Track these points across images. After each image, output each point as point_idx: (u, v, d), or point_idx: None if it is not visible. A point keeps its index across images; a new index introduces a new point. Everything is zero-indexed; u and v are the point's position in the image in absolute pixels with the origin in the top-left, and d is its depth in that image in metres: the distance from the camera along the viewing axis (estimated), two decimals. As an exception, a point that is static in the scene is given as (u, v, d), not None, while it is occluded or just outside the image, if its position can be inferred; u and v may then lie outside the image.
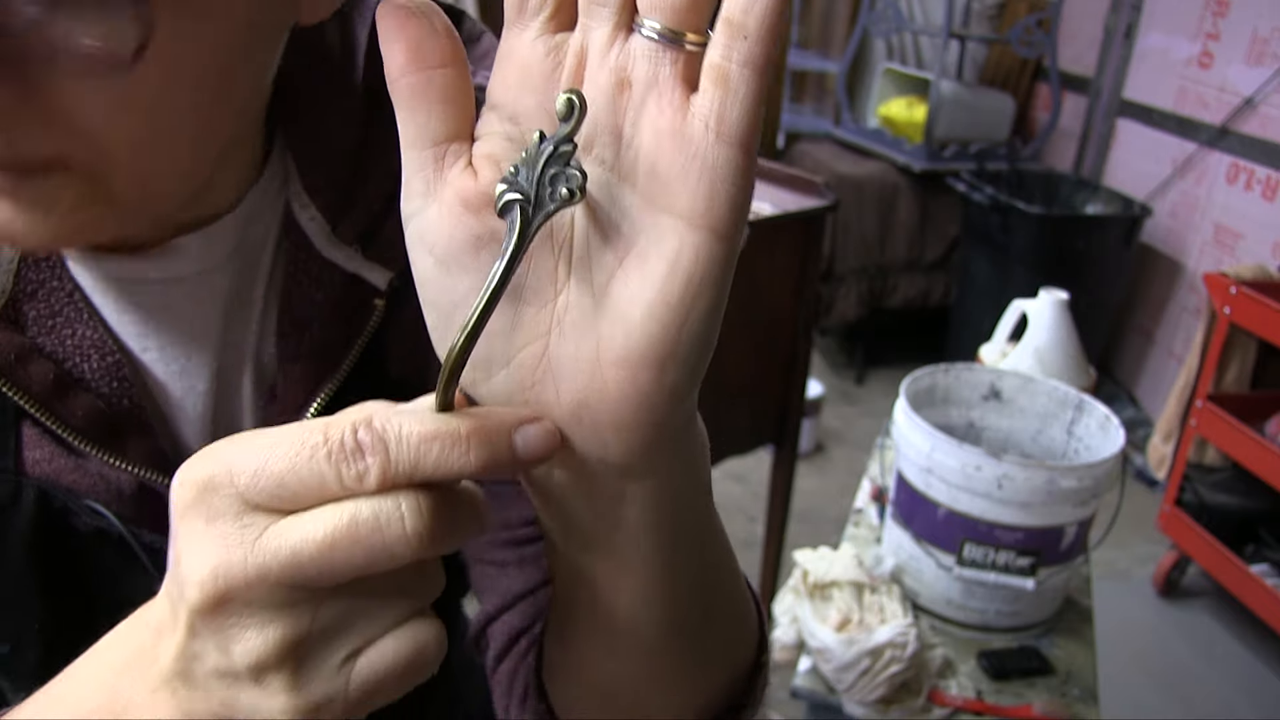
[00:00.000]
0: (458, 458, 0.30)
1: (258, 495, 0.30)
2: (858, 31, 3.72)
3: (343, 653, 0.31)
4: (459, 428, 0.30)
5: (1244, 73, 2.92)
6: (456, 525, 0.31)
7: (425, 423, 0.30)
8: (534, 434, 0.32)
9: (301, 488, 0.29)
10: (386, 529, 0.29)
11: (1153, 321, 3.33)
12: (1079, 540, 1.33)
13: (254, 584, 0.29)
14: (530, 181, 0.30)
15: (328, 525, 0.29)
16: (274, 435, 0.30)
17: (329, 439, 0.29)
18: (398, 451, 0.30)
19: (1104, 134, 3.54)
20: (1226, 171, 3.00)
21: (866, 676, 1.21)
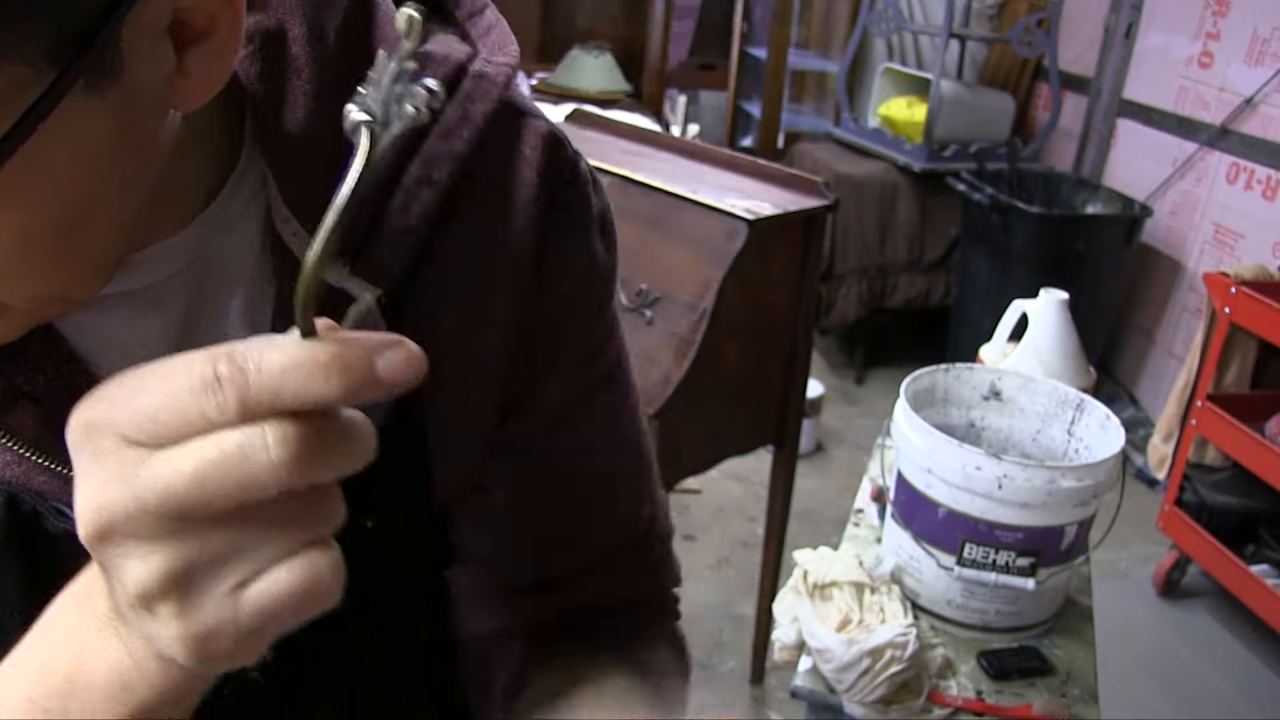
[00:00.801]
0: (319, 384, 0.30)
1: (135, 431, 0.31)
2: (858, 31, 3.72)
3: (230, 581, 0.32)
4: (318, 354, 0.30)
5: (1244, 73, 2.92)
6: (330, 453, 0.31)
7: (285, 351, 0.30)
8: (397, 358, 0.32)
9: (173, 422, 0.30)
10: (252, 459, 0.30)
11: (1153, 321, 3.33)
12: (1079, 540, 1.33)
13: (134, 516, 0.30)
14: (377, 101, 0.31)
15: (196, 458, 0.30)
16: (154, 372, 0.31)
17: (191, 372, 0.30)
18: (257, 381, 0.30)
19: (1104, 134, 3.54)
20: (1227, 171, 3.00)
21: (867, 677, 1.21)
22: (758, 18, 4.47)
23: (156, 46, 0.36)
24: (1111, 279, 3.13)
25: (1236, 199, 2.97)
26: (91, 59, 0.33)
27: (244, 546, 0.32)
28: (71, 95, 0.33)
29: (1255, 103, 2.88)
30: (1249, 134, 2.91)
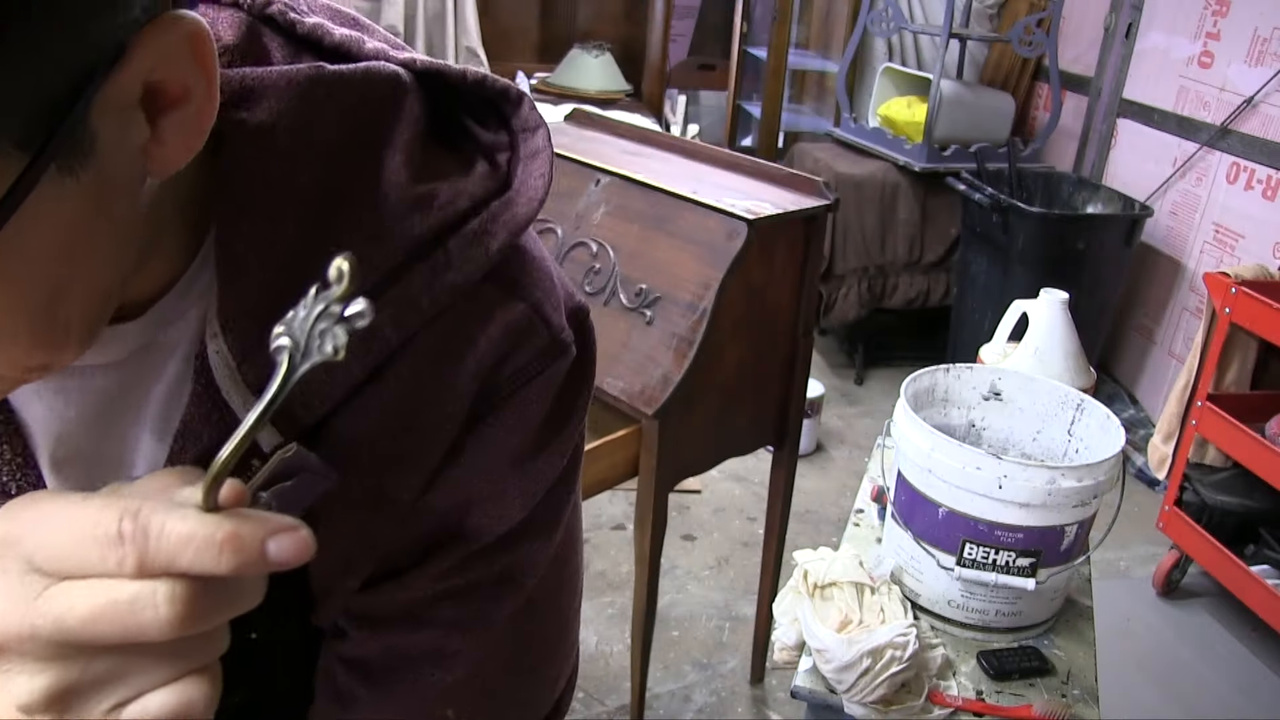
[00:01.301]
0: (210, 559, 0.33)
1: (39, 559, 0.33)
2: (858, 31, 3.72)
3: (108, 703, 0.35)
4: (215, 532, 0.33)
5: (1244, 72, 2.92)
6: (217, 610, 0.34)
7: (185, 523, 0.33)
8: (287, 543, 0.34)
9: (75, 562, 0.33)
10: (140, 613, 0.32)
11: (1153, 321, 3.33)
12: (1079, 540, 1.33)
13: (25, 639, 0.33)
14: (302, 331, 0.32)
15: (90, 600, 0.33)
16: (67, 507, 0.33)
17: (99, 524, 0.33)
18: (156, 546, 0.32)
19: (1104, 134, 3.54)
20: (1227, 171, 3.00)
21: (867, 677, 1.20)
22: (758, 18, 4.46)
23: (128, 120, 0.36)
24: (1111, 279, 3.13)
25: (1237, 199, 2.97)
26: (63, 142, 0.33)
27: (126, 672, 0.34)
28: (45, 179, 0.33)
29: (1255, 102, 2.88)
30: (1249, 134, 2.91)
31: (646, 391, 1.46)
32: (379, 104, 0.46)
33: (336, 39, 0.47)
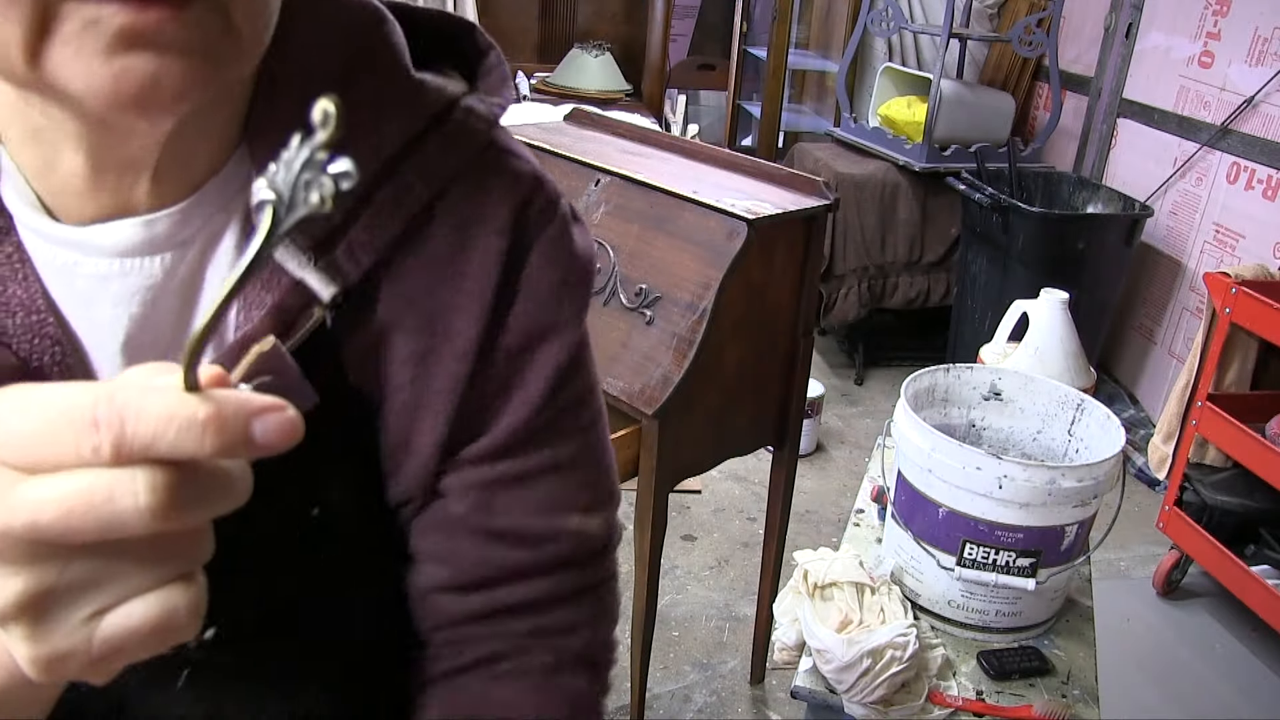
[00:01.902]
0: (192, 441, 0.31)
1: (8, 454, 0.31)
2: (858, 31, 3.72)
3: (86, 610, 0.33)
4: (196, 411, 0.31)
5: (1244, 72, 2.92)
6: (200, 501, 0.32)
7: (164, 403, 0.31)
8: (273, 423, 0.32)
9: (47, 452, 0.31)
10: (118, 502, 0.30)
11: (1153, 321, 3.33)
12: (1079, 540, 1.33)
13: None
14: (286, 183, 0.31)
15: (63, 492, 0.30)
16: (37, 397, 0.31)
17: (72, 408, 0.31)
18: (134, 429, 0.30)
19: (1104, 134, 3.54)
20: (1227, 171, 3.00)
21: (867, 677, 1.20)
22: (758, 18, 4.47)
23: None
24: (1111, 279, 3.13)
25: (1237, 199, 2.97)
26: None
27: (104, 577, 0.32)
28: None
29: (1256, 102, 2.88)
30: (1249, 134, 2.91)
31: (646, 391, 1.45)
32: (375, 12, 0.54)
33: None
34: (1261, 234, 2.87)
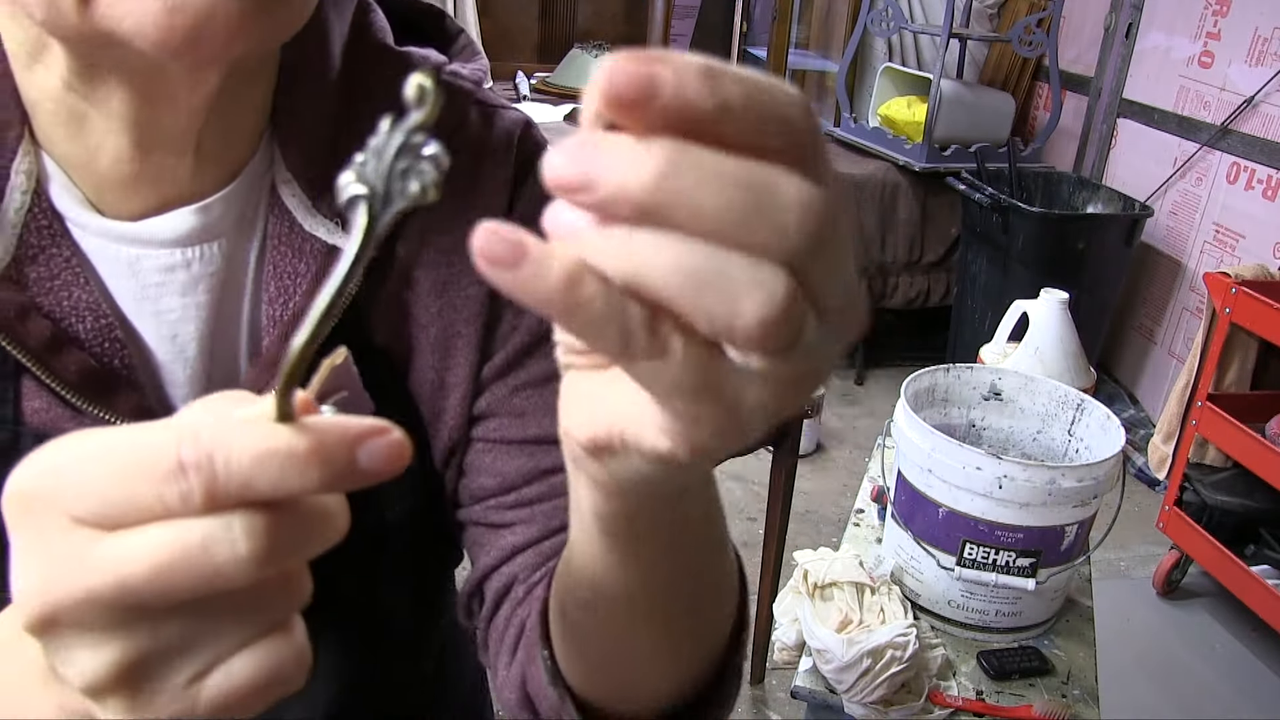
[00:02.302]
0: (295, 477, 0.28)
1: (83, 511, 0.28)
2: (858, 31, 3.72)
3: (187, 673, 0.29)
4: (296, 444, 0.28)
5: (1244, 72, 2.92)
6: (301, 542, 0.29)
7: (259, 438, 0.28)
8: (380, 449, 0.29)
9: (127, 506, 0.28)
10: (215, 553, 0.27)
11: (1153, 321, 3.33)
12: (1079, 540, 1.33)
13: (83, 606, 0.28)
14: (379, 174, 0.27)
15: (154, 548, 0.27)
16: (105, 445, 0.28)
17: (153, 454, 0.27)
18: (226, 471, 0.27)
19: (1104, 134, 3.54)
20: (1227, 171, 3.00)
21: (867, 677, 1.20)
22: (758, 18, 4.47)
23: None
24: (1111, 279, 3.13)
25: (1237, 199, 2.97)
26: None
27: (202, 634, 0.29)
28: None
29: (1256, 102, 2.88)
30: (1249, 134, 2.91)
31: (646, 391, 1.45)
32: (362, 3, 0.57)
33: None
34: (1261, 234, 2.87)
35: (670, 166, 0.24)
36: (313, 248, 0.52)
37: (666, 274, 0.24)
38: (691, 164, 0.24)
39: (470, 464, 0.58)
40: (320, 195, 0.53)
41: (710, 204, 0.24)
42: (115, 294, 0.50)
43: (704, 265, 0.24)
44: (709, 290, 0.24)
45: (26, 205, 0.48)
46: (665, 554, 0.40)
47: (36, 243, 0.48)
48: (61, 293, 0.48)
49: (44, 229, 0.48)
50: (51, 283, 0.48)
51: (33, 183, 0.48)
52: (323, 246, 0.53)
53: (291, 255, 0.52)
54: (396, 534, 0.57)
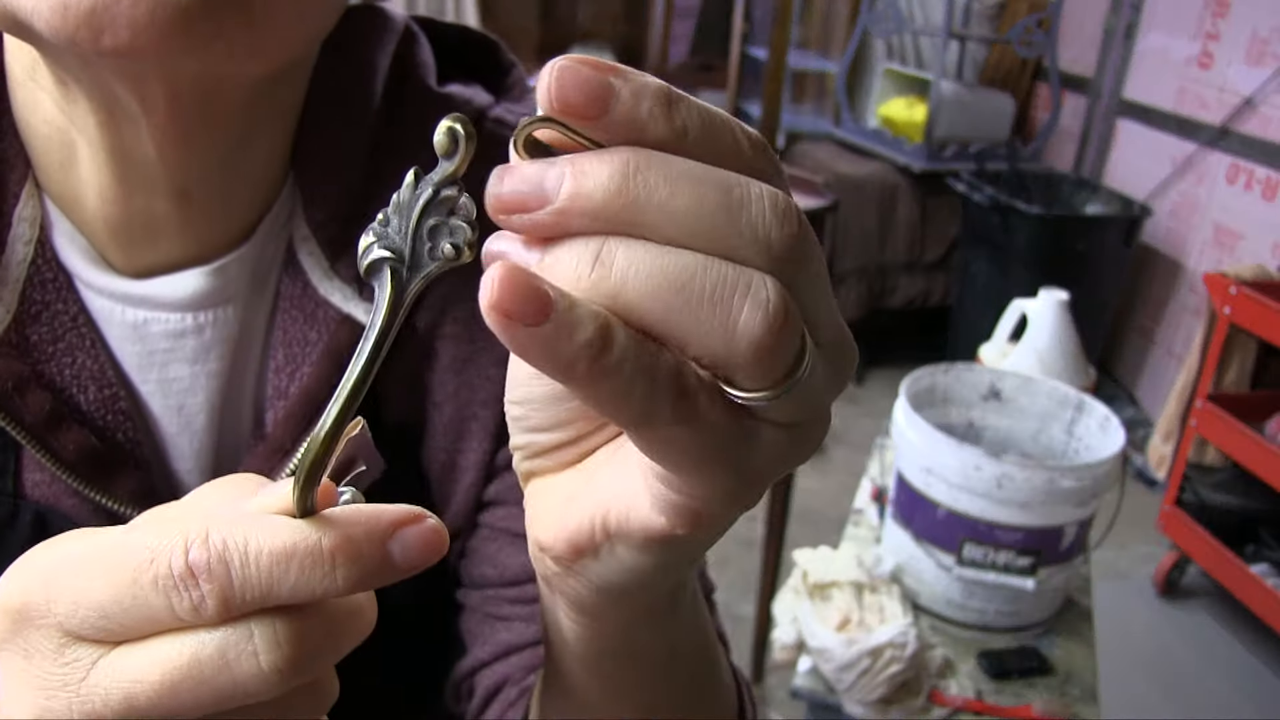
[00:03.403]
0: (320, 578, 0.25)
1: (78, 625, 0.25)
2: (858, 31, 3.72)
3: None
4: (321, 541, 0.25)
5: (1244, 73, 2.93)
6: (330, 646, 0.26)
7: (279, 536, 0.25)
8: (414, 540, 0.26)
9: (129, 618, 0.24)
10: (236, 666, 0.24)
11: (1153, 321, 3.33)
12: (1079, 540, 1.33)
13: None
14: (405, 235, 0.24)
15: (164, 664, 0.24)
16: (101, 547, 0.25)
17: (155, 559, 0.24)
18: (243, 576, 0.24)
19: (1104, 134, 3.54)
20: (1226, 171, 3.00)
21: (866, 676, 1.21)
22: (758, 18, 4.46)
23: None
24: (1111, 279, 3.13)
25: (1236, 199, 2.97)
26: None
27: None
28: None
29: (1255, 103, 2.88)
30: (1249, 134, 2.91)
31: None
32: (409, 30, 0.52)
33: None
34: (1261, 234, 2.87)
35: (632, 167, 0.22)
36: (326, 315, 0.47)
37: (652, 286, 0.21)
38: (657, 164, 0.22)
39: (473, 549, 0.54)
40: (340, 255, 0.47)
41: (682, 203, 0.22)
42: (120, 359, 0.45)
43: (690, 273, 0.21)
44: (701, 303, 0.21)
45: (30, 257, 0.43)
46: (654, 681, 0.37)
47: (40, 299, 0.43)
48: (64, 358, 0.44)
49: (48, 283, 0.44)
50: (54, 346, 0.44)
51: (36, 231, 0.43)
52: (336, 314, 0.47)
53: (302, 321, 0.47)
54: (395, 619, 0.53)
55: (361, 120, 0.48)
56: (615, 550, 0.29)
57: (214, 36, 0.34)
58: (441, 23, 0.56)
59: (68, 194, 0.43)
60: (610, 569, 0.29)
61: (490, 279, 0.21)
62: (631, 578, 0.30)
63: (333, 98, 0.47)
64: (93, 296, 0.45)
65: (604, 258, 0.22)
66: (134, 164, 0.42)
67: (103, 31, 0.32)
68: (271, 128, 0.46)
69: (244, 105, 0.42)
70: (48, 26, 0.33)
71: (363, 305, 0.47)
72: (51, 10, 0.32)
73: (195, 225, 0.45)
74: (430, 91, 0.50)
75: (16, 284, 0.43)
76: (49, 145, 0.43)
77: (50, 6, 0.32)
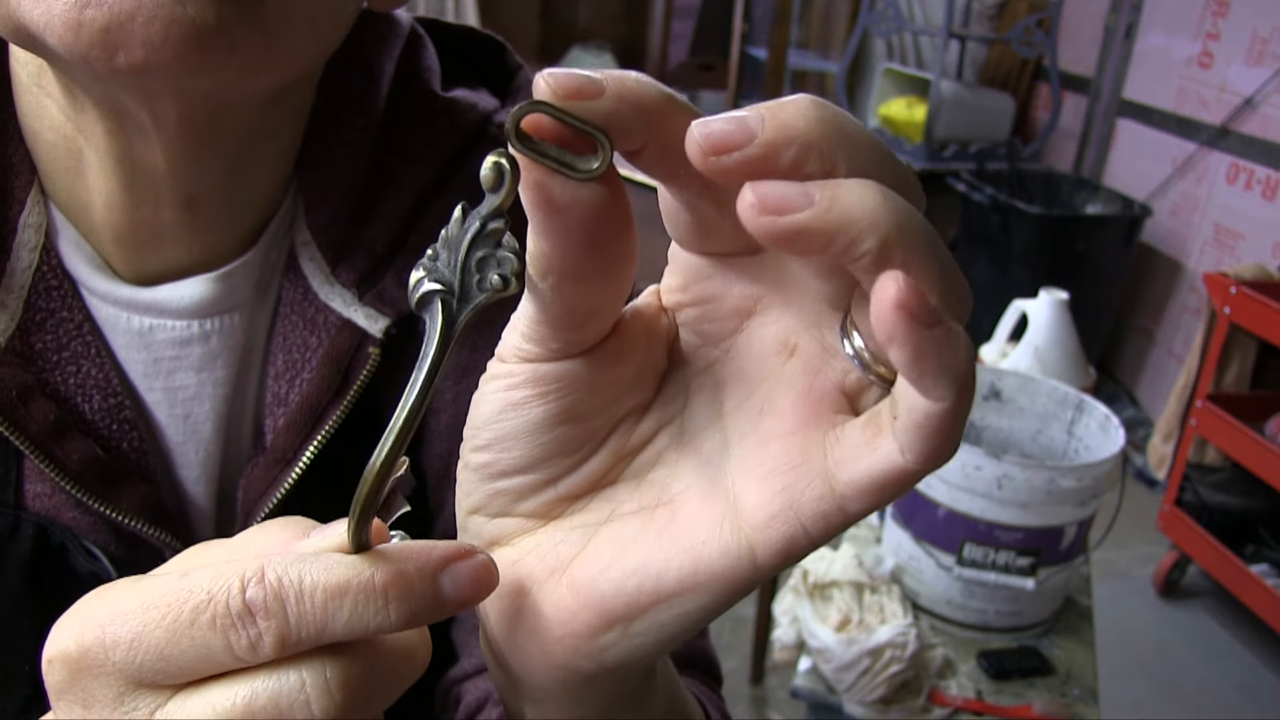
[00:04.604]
0: (374, 614, 0.25)
1: (137, 671, 0.25)
2: (858, 31, 3.72)
3: None
4: (374, 576, 0.25)
5: (1244, 73, 2.93)
6: (383, 687, 0.26)
7: (332, 572, 0.25)
8: (465, 574, 0.26)
9: (187, 660, 0.24)
10: (289, 712, 0.24)
11: (1153, 321, 3.34)
12: (1079, 540, 1.33)
13: None
14: (454, 267, 0.25)
15: (220, 710, 0.24)
16: (153, 593, 0.25)
17: (213, 599, 0.24)
18: (299, 612, 0.24)
19: (1104, 134, 3.54)
20: (1226, 171, 3.00)
21: (866, 676, 1.21)
22: (758, 18, 4.47)
23: None
24: (1111, 279, 3.13)
25: (1236, 199, 2.97)
26: None
27: None
28: None
29: (1255, 103, 2.88)
30: (1249, 134, 2.91)
31: (646, 391, 1.46)
32: (414, 32, 0.52)
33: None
34: (1261, 234, 2.87)
35: (819, 104, 0.23)
36: (326, 320, 0.46)
37: (917, 219, 0.23)
38: (830, 105, 0.23)
39: None
40: (341, 260, 0.47)
41: (864, 135, 0.23)
42: (126, 367, 0.45)
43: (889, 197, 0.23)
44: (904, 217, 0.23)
45: (35, 264, 0.43)
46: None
47: (45, 306, 0.43)
48: (69, 366, 0.43)
49: (53, 290, 0.43)
50: (59, 354, 0.43)
51: (42, 238, 0.43)
52: (337, 319, 0.46)
53: (302, 326, 0.47)
54: None
55: (365, 125, 0.48)
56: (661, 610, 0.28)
57: (229, 53, 0.34)
58: (447, 23, 0.55)
59: (74, 201, 0.43)
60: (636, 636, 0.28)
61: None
62: (649, 642, 0.28)
63: (338, 102, 0.47)
64: (98, 303, 0.44)
65: (887, 192, 0.23)
66: (142, 173, 0.41)
67: (117, 50, 0.32)
68: (279, 135, 0.45)
69: (253, 116, 0.42)
70: (60, 43, 0.32)
71: (362, 309, 0.47)
72: (65, 27, 0.32)
73: (202, 232, 0.44)
74: (435, 97, 0.50)
75: (22, 291, 0.42)
76: (55, 152, 0.42)
77: (64, 23, 0.32)
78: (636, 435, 0.30)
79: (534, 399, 0.28)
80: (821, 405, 0.27)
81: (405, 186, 0.48)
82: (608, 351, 0.28)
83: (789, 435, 0.27)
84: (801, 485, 0.26)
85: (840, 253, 0.22)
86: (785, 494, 0.26)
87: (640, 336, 0.29)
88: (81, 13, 0.32)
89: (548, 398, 0.28)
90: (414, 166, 0.49)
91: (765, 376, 0.28)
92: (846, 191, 0.22)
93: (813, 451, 0.26)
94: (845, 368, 0.27)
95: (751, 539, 0.26)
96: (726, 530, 0.27)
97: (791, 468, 0.26)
